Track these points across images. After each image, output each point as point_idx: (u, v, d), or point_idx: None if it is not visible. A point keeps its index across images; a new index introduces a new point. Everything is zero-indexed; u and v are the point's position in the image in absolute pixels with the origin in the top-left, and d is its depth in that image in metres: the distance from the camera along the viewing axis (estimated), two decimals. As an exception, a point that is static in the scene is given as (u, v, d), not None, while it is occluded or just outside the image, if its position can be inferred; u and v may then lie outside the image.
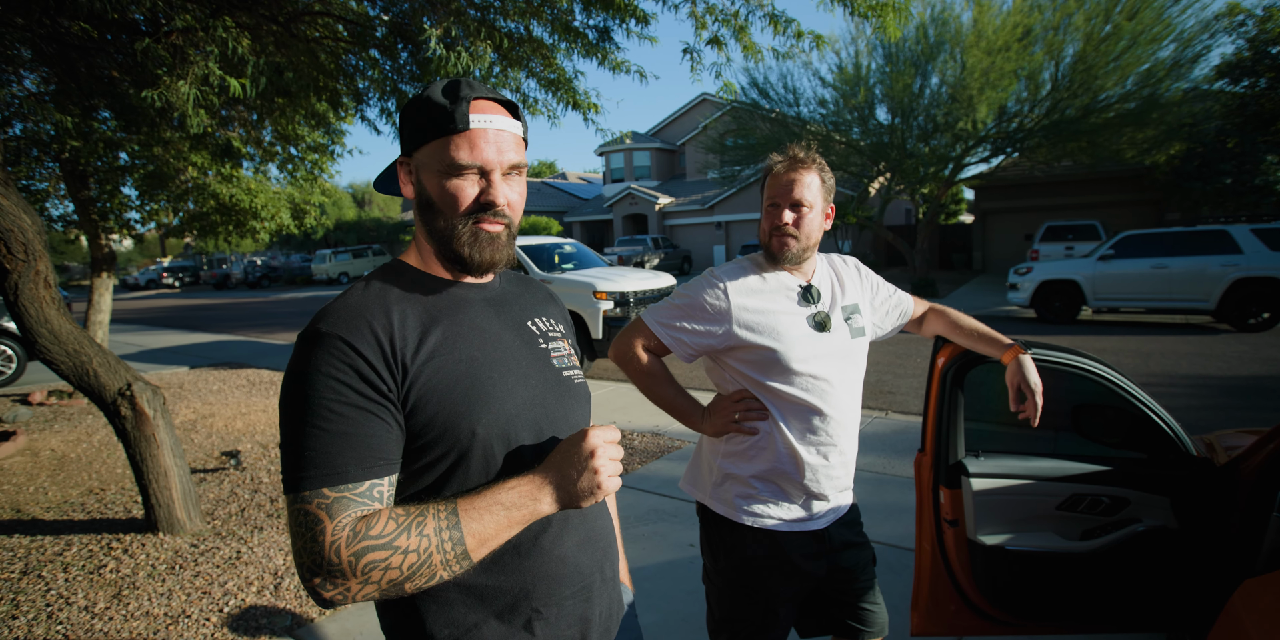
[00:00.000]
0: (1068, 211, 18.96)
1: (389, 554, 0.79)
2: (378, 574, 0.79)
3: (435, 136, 0.93)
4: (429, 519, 0.82)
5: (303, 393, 0.83)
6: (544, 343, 1.07)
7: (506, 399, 0.94)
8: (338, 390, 0.83)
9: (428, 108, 0.93)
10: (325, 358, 0.84)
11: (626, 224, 30.86)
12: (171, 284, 37.70)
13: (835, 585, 1.64)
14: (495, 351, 0.97)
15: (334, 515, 0.80)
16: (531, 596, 0.96)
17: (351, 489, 0.82)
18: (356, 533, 0.80)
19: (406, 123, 0.96)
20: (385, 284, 0.96)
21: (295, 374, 0.85)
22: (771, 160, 1.55)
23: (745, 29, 4.12)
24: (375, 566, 0.79)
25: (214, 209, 7.66)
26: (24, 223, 3.10)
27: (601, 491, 0.88)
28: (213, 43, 3.42)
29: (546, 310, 1.15)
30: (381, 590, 0.80)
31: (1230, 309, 9.30)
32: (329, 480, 0.82)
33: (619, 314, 7.67)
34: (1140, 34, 13.05)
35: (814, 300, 1.57)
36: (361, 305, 0.90)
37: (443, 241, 0.97)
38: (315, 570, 0.79)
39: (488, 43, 3.82)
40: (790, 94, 17.10)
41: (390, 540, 0.80)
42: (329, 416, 0.83)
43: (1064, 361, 1.85)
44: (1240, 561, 1.68)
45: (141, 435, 3.47)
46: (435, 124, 0.92)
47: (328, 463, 0.82)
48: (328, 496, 0.81)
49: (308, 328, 0.88)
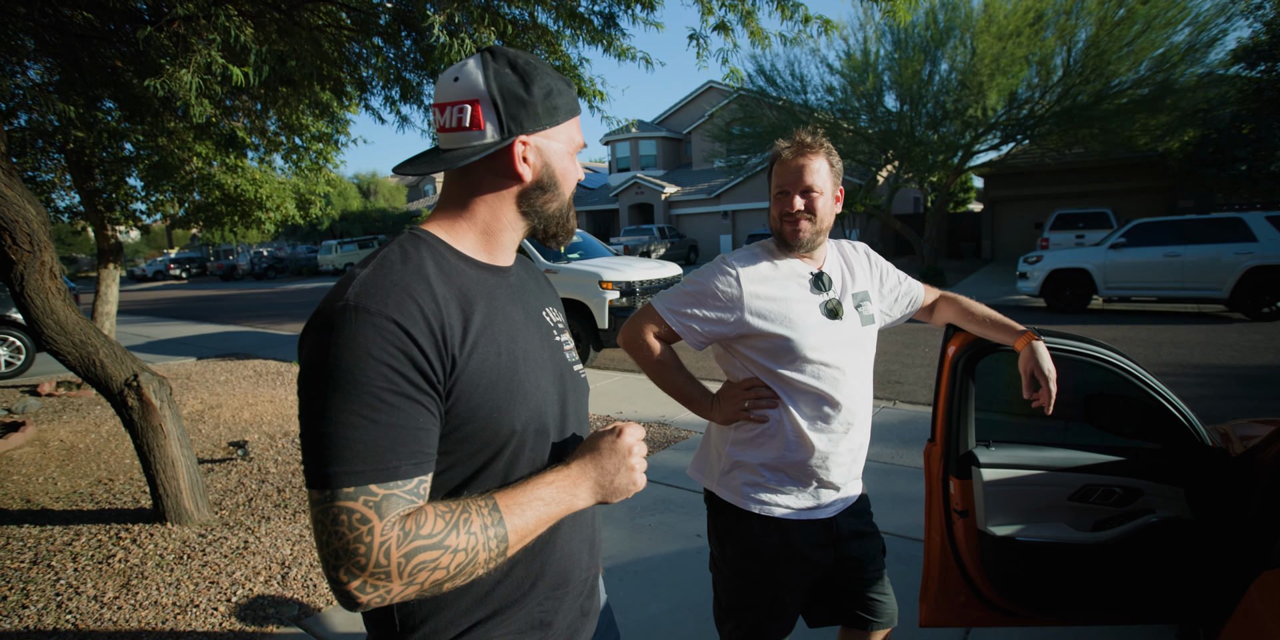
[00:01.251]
0: (1079, 199, 18.78)
1: (439, 554, 0.75)
2: (424, 575, 0.75)
3: (570, 116, 0.94)
4: (474, 515, 0.79)
5: (347, 378, 0.74)
6: (558, 335, 1.05)
7: (536, 393, 0.92)
8: (390, 378, 0.75)
9: (557, 84, 0.92)
10: (376, 340, 0.75)
11: (632, 213, 30.78)
12: (178, 275, 37.88)
13: (844, 575, 1.62)
14: (525, 343, 0.94)
15: (383, 514, 0.74)
16: (539, 591, 0.95)
17: (401, 486, 0.76)
18: (407, 532, 0.75)
19: (536, 95, 0.90)
20: (422, 259, 0.87)
21: (334, 356, 0.75)
22: (778, 146, 1.52)
23: (752, 14, 4.06)
24: (424, 567, 0.75)
25: (219, 199, 7.64)
26: (29, 214, 3.09)
27: (635, 488, 0.89)
28: (215, 31, 3.39)
29: (551, 299, 1.13)
30: (421, 591, 0.77)
31: (1244, 298, 9.19)
32: (378, 476, 0.75)
33: (625, 304, 7.64)
34: (1154, 18, 12.84)
35: (825, 287, 1.54)
36: (406, 282, 0.81)
37: (555, 221, 0.97)
38: (357, 573, 0.73)
39: (492, 29, 3.77)
40: (797, 81, 16.95)
41: (441, 539, 0.76)
42: (380, 406, 0.75)
43: (1077, 350, 1.81)
44: (1257, 553, 1.66)
45: (149, 426, 3.48)
46: (569, 104, 0.93)
47: (377, 458, 0.75)
48: (376, 494, 0.74)
49: (345, 301, 0.77)
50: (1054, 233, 14.92)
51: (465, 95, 0.89)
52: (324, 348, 0.76)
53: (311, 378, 0.76)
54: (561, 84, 0.93)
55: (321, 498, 0.74)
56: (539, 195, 0.94)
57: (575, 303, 7.78)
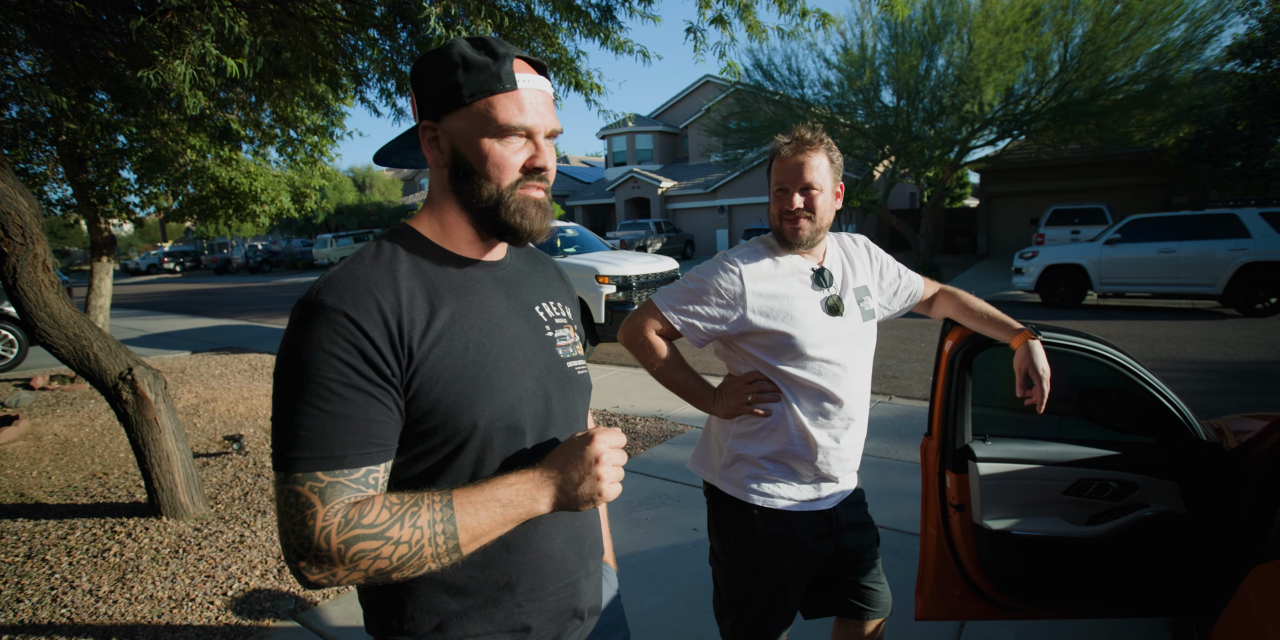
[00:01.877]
0: (1074, 195, 18.80)
1: (380, 544, 0.77)
2: (366, 563, 0.77)
3: (479, 97, 0.86)
4: (423, 510, 0.79)
5: (301, 369, 0.78)
6: (551, 330, 1.02)
7: (510, 389, 0.90)
8: (340, 370, 0.78)
9: (464, 64, 0.86)
10: (328, 333, 0.78)
11: (629, 208, 30.71)
12: (172, 269, 37.71)
13: (841, 565, 1.64)
14: (502, 338, 0.92)
15: (326, 500, 0.77)
16: (516, 590, 0.95)
17: (347, 475, 0.79)
18: (349, 520, 0.77)
19: (433, 82, 0.88)
20: (395, 253, 0.89)
21: (294, 348, 0.79)
22: (778, 142, 1.51)
23: (750, 7, 4.04)
24: (365, 555, 0.76)
25: (213, 192, 7.59)
26: (21, 206, 3.06)
27: (601, 498, 0.85)
28: (209, 22, 3.35)
29: (555, 292, 1.10)
30: (368, 577, 0.78)
31: (1237, 293, 9.23)
32: (324, 464, 0.78)
33: (622, 298, 7.64)
34: (1151, 13, 12.83)
35: (826, 284, 1.54)
36: (369, 278, 0.83)
37: (487, 211, 0.90)
38: (302, 554, 0.76)
39: (488, 21, 3.75)
40: (794, 76, 16.88)
41: (383, 530, 0.77)
42: (329, 396, 0.78)
43: (1073, 344, 1.82)
44: (1250, 547, 1.67)
45: (143, 419, 3.47)
46: (477, 83, 0.86)
47: (324, 446, 0.78)
48: (321, 480, 0.77)
49: (309, 296, 0.82)
50: (1049, 228, 14.95)
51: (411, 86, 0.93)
52: (287, 341, 0.81)
53: (277, 369, 0.82)
54: (476, 60, 0.86)
55: (279, 479, 0.79)
56: (463, 182, 0.90)
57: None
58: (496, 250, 0.99)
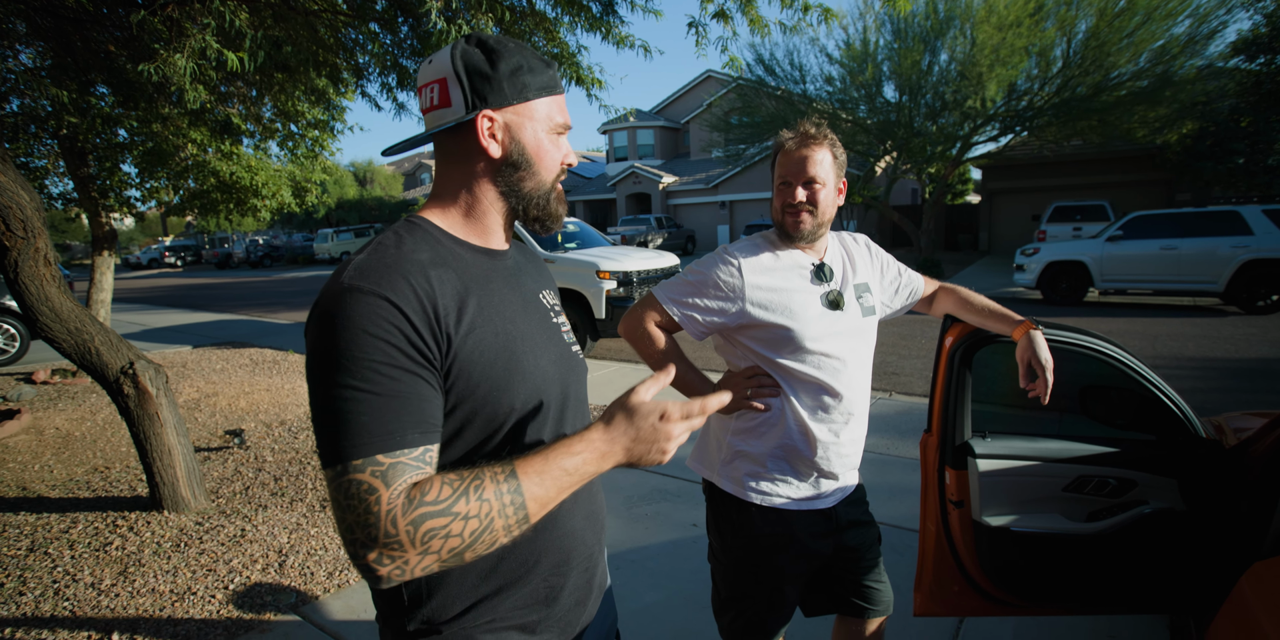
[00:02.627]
0: (1076, 191, 18.78)
1: (448, 520, 0.73)
2: (438, 543, 0.73)
3: (544, 93, 0.94)
4: (486, 482, 0.77)
5: (345, 354, 0.76)
6: (555, 317, 1.07)
7: (536, 372, 0.93)
8: (386, 351, 0.77)
9: (530, 62, 0.92)
10: (369, 316, 0.77)
11: (630, 203, 30.67)
12: (173, 263, 37.69)
13: (841, 563, 1.64)
14: (523, 325, 0.95)
15: (389, 483, 0.74)
16: (542, 568, 0.97)
17: (407, 454, 0.76)
18: (411, 499, 0.73)
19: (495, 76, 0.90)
20: (416, 242, 0.89)
21: (331, 335, 0.77)
22: (782, 137, 1.51)
23: (752, 2, 4.03)
24: (435, 535, 0.73)
25: (214, 187, 7.59)
26: (22, 199, 3.06)
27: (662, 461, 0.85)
28: (210, 15, 3.35)
29: (548, 282, 1.14)
30: (442, 561, 0.75)
31: (1239, 291, 9.23)
32: (384, 446, 0.75)
33: (622, 294, 7.64)
34: (1155, 9, 12.78)
35: (827, 278, 1.54)
36: (399, 264, 0.83)
37: (531, 200, 0.96)
38: (370, 544, 0.72)
39: (489, 16, 3.74)
40: (796, 71, 16.84)
41: (449, 506, 0.74)
42: (378, 378, 0.76)
43: (1073, 341, 1.82)
44: (1248, 544, 1.67)
45: (145, 414, 3.47)
46: (542, 81, 0.93)
47: (381, 428, 0.75)
48: (382, 463, 0.74)
49: (339, 283, 0.79)
50: (1051, 225, 14.92)
51: (436, 74, 0.92)
52: (322, 330, 0.78)
53: (313, 361, 0.79)
54: (535, 62, 0.93)
55: (333, 475, 0.75)
56: (512, 173, 0.94)
57: (572, 292, 7.77)
58: (501, 241, 1.02)
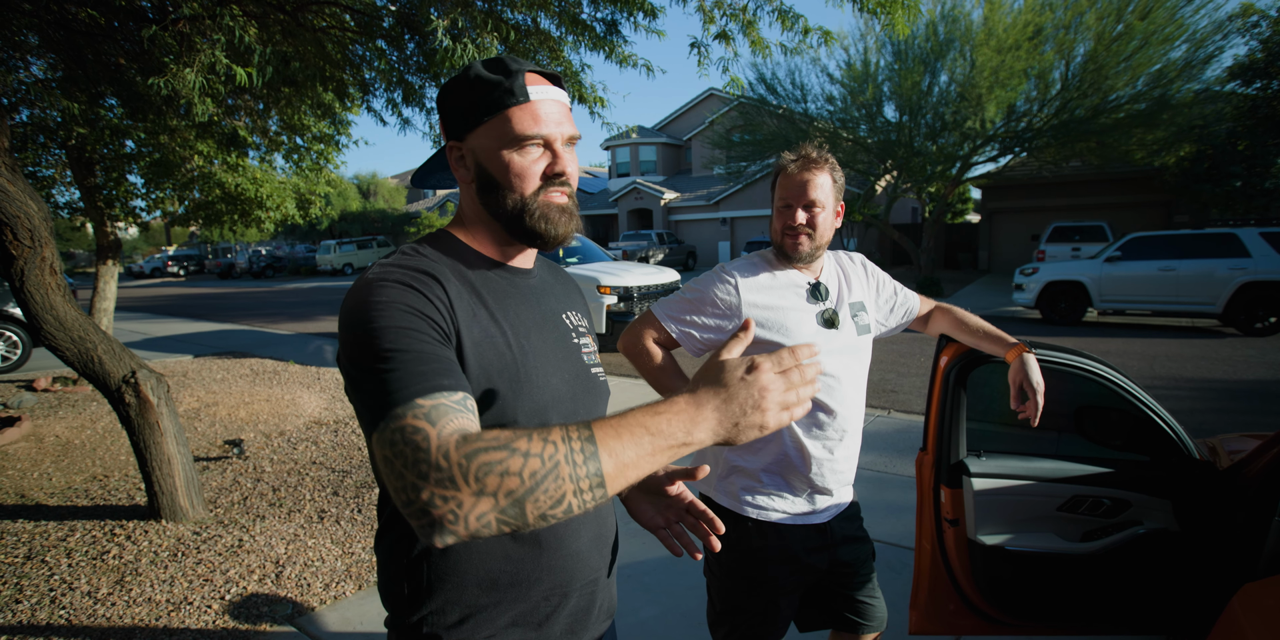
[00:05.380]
0: (1075, 212, 18.87)
1: (506, 455, 0.65)
2: (494, 481, 0.64)
3: (494, 112, 0.91)
4: (555, 429, 0.68)
5: (378, 324, 0.78)
6: (576, 338, 1.06)
7: (544, 389, 0.93)
8: (414, 320, 0.80)
9: (480, 85, 0.91)
10: (398, 293, 0.82)
11: (631, 219, 30.81)
12: (176, 272, 37.78)
13: (835, 579, 1.65)
14: (537, 342, 0.96)
15: (435, 421, 0.70)
16: (542, 587, 0.96)
17: (448, 396, 0.74)
18: (466, 436, 0.68)
19: (453, 105, 0.94)
20: (437, 253, 0.94)
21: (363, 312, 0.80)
22: (784, 159, 1.55)
23: (753, 24, 4.10)
24: (491, 470, 0.64)
25: (219, 198, 7.65)
26: (30, 209, 3.10)
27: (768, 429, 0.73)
28: (220, 31, 3.41)
29: (575, 303, 1.14)
30: (499, 508, 0.64)
31: (1237, 313, 9.24)
32: (421, 390, 0.73)
33: (623, 309, 7.67)
34: (1152, 34, 12.93)
35: (822, 297, 1.57)
36: (420, 265, 0.88)
37: (513, 220, 0.94)
38: (421, 483, 0.65)
39: (494, 34, 3.80)
40: (798, 90, 17.00)
41: (507, 442, 0.66)
42: (410, 336, 0.78)
43: (1067, 362, 1.84)
44: (1241, 565, 1.68)
45: (145, 423, 3.48)
46: (492, 100, 0.90)
47: (419, 377, 0.75)
48: (423, 405, 0.71)
49: (366, 277, 0.85)
50: (1050, 245, 14.98)
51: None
52: (353, 314, 0.82)
53: (351, 342, 0.80)
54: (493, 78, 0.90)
55: (379, 432, 0.71)
56: (489, 194, 0.95)
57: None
58: (525, 259, 1.04)
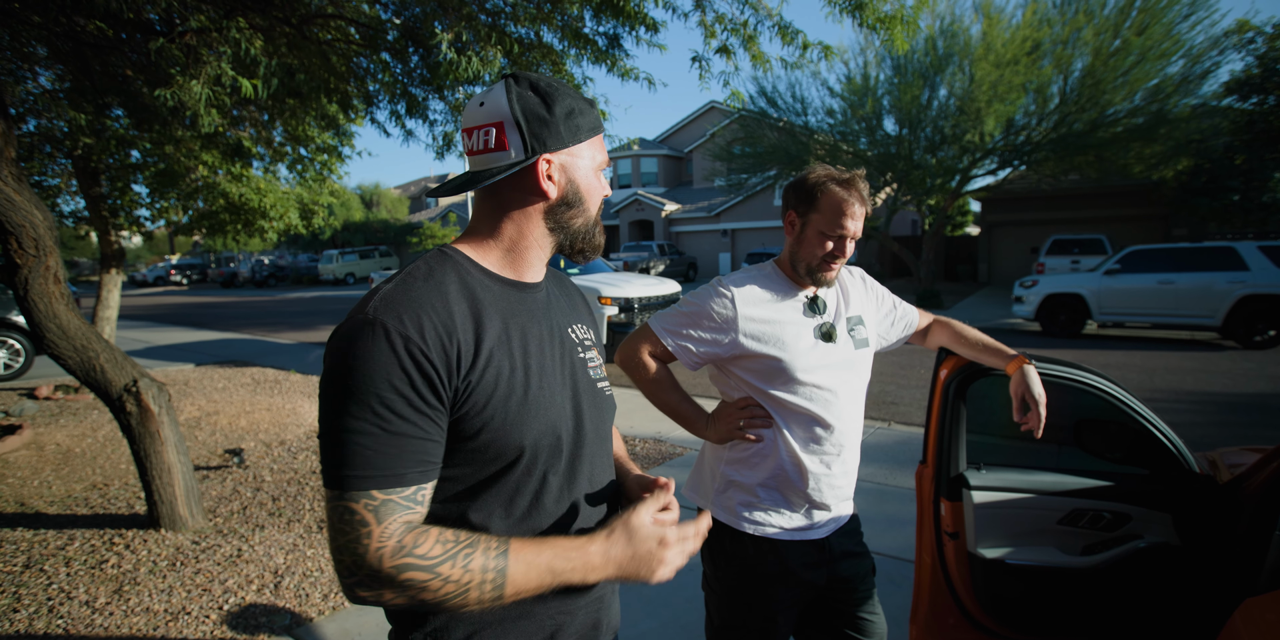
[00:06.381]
0: (1074, 225, 18.93)
1: (429, 578, 0.79)
2: (414, 591, 0.79)
3: (593, 134, 0.97)
4: (477, 554, 0.82)
5: (360, 387, 0.79)
6: (581, 352, 1.06)
7: (551, 408, 0.94)
8: (400, 390, 0.80)
9: (579, 105, 0.95)
10: (389, 354, 0.80)
11: (632, 230, 30.91)
12: (179, 281, 37.83)
13: (835, 594, 1.64)
14: (543, 360, 0.96)
15: (381, 519, 0.79)
16: (549, 604, 0.97)
17: (400, 493, 0.81)
18: (403, 546, 0.79)
19: (550, 119, 0.92)
20: (445, 275, 0.91)
21: (349, 365, 0.80)
22: (826, 176, 1.50)
23: (754, 39, 4.14)
24: (413, 585, 0.79)
25: (223, 208, 7.70)
26: (35, 218, 3.12)
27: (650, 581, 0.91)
28: (226, 43, 3.45)
29: (581, 316, 1.13)
30: (411, 604, 0.81)
31: (1236, 326, 9.27)
32: (381, 483, 0.80)
33: (624, 319, 7.68)
34: (1149, 49, 13.05)
35: (820, 311, 1.58)
36: (424, 298, 0.86)
37: (579, 235, 1.00)
38: (355, 572, 0.79)
39: (498, 48, 3.84)
40: (798, 103, 17.13)
41: (434, 565, 0.79)
42: (388, 417, 0.80)
43: (1066, 376, 1.85)
44: (1242, 580, 1.68)
45: (146, 431, 3.49)
46: (591, 123, 0.96)
47: (382, 465, 0.80)
48: (376, 499, 0.79)
49: (364, 314, 0.83)
50: (1049, 257, 15.04)
51: (490, 118, 0.93)
52: (343, 357, 0.81)
53: (329, 383, 0.82)
54: (583, 104, 0.96)
55: (331, 496, 0.81)
56: (565, 211, 0.97)
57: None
58: (535, 273, 1.02)
